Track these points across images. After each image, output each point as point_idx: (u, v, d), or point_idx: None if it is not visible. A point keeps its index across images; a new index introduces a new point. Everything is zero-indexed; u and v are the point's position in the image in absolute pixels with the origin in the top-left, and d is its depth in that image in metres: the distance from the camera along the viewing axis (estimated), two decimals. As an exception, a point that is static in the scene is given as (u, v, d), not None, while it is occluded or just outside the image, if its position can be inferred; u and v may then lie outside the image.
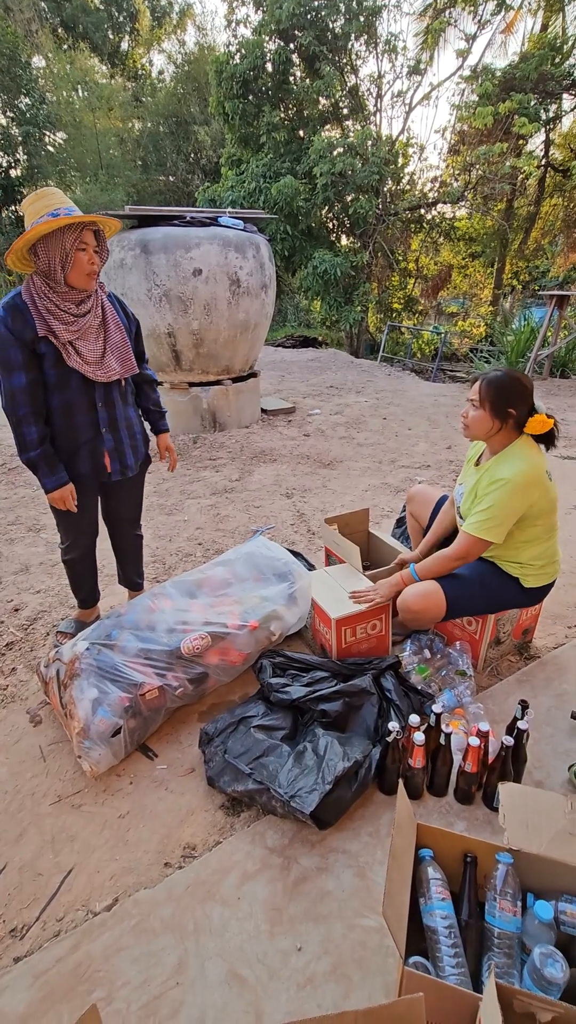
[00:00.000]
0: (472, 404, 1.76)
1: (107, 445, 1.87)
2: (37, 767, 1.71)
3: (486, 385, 1.72)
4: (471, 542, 1.78)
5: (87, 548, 2.12)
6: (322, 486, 3.94)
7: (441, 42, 10.53)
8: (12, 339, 1.62)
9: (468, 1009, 0.91)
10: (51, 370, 1.69)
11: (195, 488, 3.93)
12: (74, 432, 1.80)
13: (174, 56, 18.84)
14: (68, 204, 1.60)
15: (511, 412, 1.72)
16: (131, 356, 1.86)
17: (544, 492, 1.76)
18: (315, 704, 1.72)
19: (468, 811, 1.53)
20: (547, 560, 1.90)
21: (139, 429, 2.03)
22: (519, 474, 1.70)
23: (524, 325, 8.52)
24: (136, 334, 1.96)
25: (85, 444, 1.83)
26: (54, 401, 1.74)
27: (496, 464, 1.78)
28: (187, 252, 4.36)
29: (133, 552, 2.32)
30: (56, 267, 1.60)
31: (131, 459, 1.97)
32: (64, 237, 1.57)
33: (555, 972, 0.96)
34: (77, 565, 2.15)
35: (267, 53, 10.24)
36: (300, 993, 1.14)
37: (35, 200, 1.59)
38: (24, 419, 1.70)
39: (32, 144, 15.23)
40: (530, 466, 1.72)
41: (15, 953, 1.23)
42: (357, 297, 10.61)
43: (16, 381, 1.66)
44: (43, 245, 1.58)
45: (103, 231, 1.69)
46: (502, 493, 1.71)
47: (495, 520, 1.73)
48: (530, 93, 9.19)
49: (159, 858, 1.43)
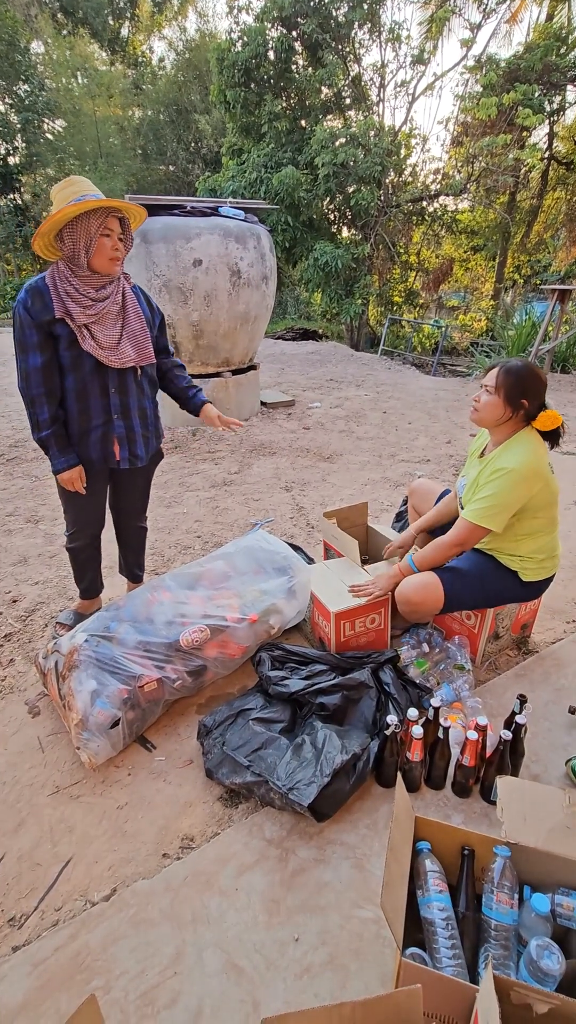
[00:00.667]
0: (486, 389, 1.76)
1: (118, 431, 1.87)
2: (35, 758, 1.71)
3: (504, 372, 1.72)
4: (470, 528, 1.77)
5: (92, 537, 2.13)
6: (321, 479, 3.93)
7: (445, 31, 10.40)
8: (30, 320, 1.66)
9: (465, 1000, 0.92)
10: (66, 352, 1.72)
11: (194, 480, 3.92)
12: (86, 415, 1.82)
13: (175, 43, 18.62)
14: (95, 191, 1.64)
15: (524, 403, 1.72)
16: (149, 346, 1.86)
17: (546, 484, 1.75)
18: (314, 697, 1.72)
19: (465, 804, 1.53)
20: (547, 554, 1.89)
21: (153, 421, 2.01)
22: (521, 464, 1.70)
23: (525, 319, 8.48)
24: (160, 326, 1.98)
25: (96, 428, 1.84)
26: (68, 383, 1.77)
27: (499, 454, 1.78)
28: (187, 242, 4.32)
29: (136, 543, 2.33)
30: (80, 251, 1.63)
31: (141, 449, 1.96)
32: (89, 221, 1.60)
33: (551, 964, 0.97)
34: (81, 553, 2.15)
35: (269, 41, 10.11)
36: (297, 983, 1.15)
37: (64, 187, 1.62)
38: (37, 399, 1.74)
39: (31, 131, 15.07)
40: (533, 457, 1.72)
41: (13, 942, 1.24)
42: (358, 290, 10.54)
43: (32, 361, 1.70)
44: (69, 229, 1.62)
45: (128, 220, 1.72)
46: (503, 482, 1.71)
47: (495, 508, 1.73)
48: (534, 84, 9.09)
49: (157, 849, 1.43)
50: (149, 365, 1.90)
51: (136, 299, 1.86)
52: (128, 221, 1.72)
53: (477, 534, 1.78)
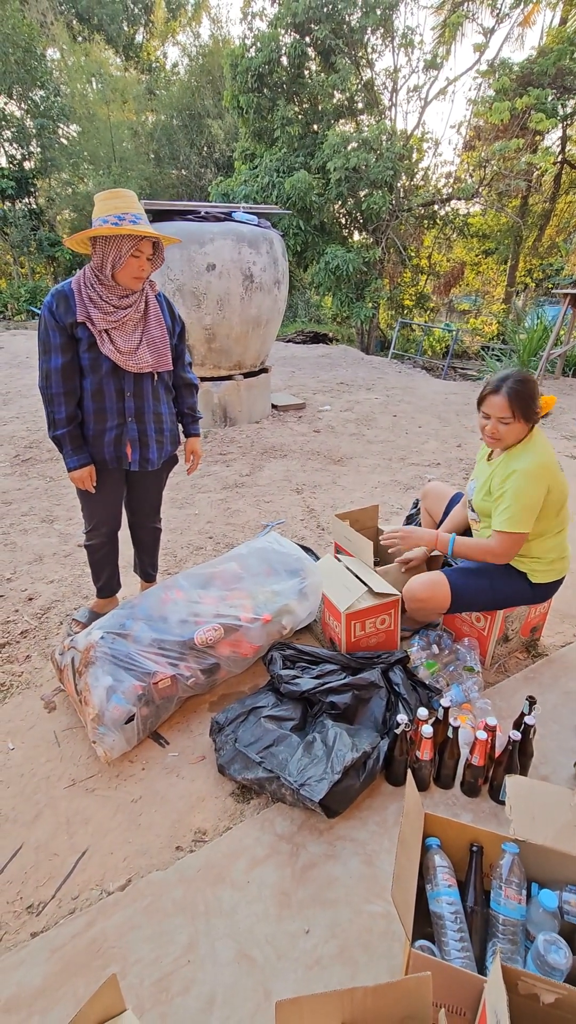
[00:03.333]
0: (500, 421, 1.76)
1: (131, 434, 1.92)
2: (52, 752, 1.75)
3: (516, 399, 1.73)
4: (503, 539, 1.80)
5: (108, 535, 2.18)
6: (332, 482, 3.96)
7: (458, 36, 10.43)
8: (54, 323, 1.74)
9: (473, 990, 0.94)
10: (85, 354, 1.78)
11: (206, 482, 3.96)
12: (102, 416, 1.87)
13: (188, 49, 18.80)
14: (136, 211, 1.68)
15: (537, 411, 1.77)
16: (167, 353, 1.90)
17: (557, 481, 1.79)
18: (324, 696, 1.75)
19: (474, 803, 1.55)
20: (556, 555, 1.91)
21: (169, 427, 2.05)
22: (533, 463, 1.75)
23: (537, 323, 8.46)
24: (180, 335, 2.02)
25: (111, 430, 1.89)
26: (87, 384, 1.83)
27: (509, 458, 1.82)
28: (201, 247, 4.38)
29: (150, 543, 2.38)
30: (107, 264, 1.70)
31: (154, 454, 2.00)
32: (122, 241, 1.66)
33: (558, 958, 0.98)
34: (97, 551, 2.20)
35: (282, 46, 10.20)
36: (308, 974, 1.17)
37: (108, 198, 1.68)
38: (55, 398, 1.81)
39: (46, 136, 15.29)
40: (545, 455, 1.77)
41: (32, 929, 1.27)
42: (369, 293, 10.58)
43: (53, 362, 1.77)
44: (101, 243, 1.68)
45: (162, 242, 1.78)
46: (519, 483, 1.74)
47: (520, 511, 1.75)
48: (548, 88, 9.09)
49: (171, 842, 1.46)
50: (167, 372, 1.95)
51: (159, 307, 1.91)
52: (161, 243, 1.78)
53: (516, 540, 1.80)
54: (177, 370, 2.06)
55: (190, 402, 2.15)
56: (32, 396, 6.12)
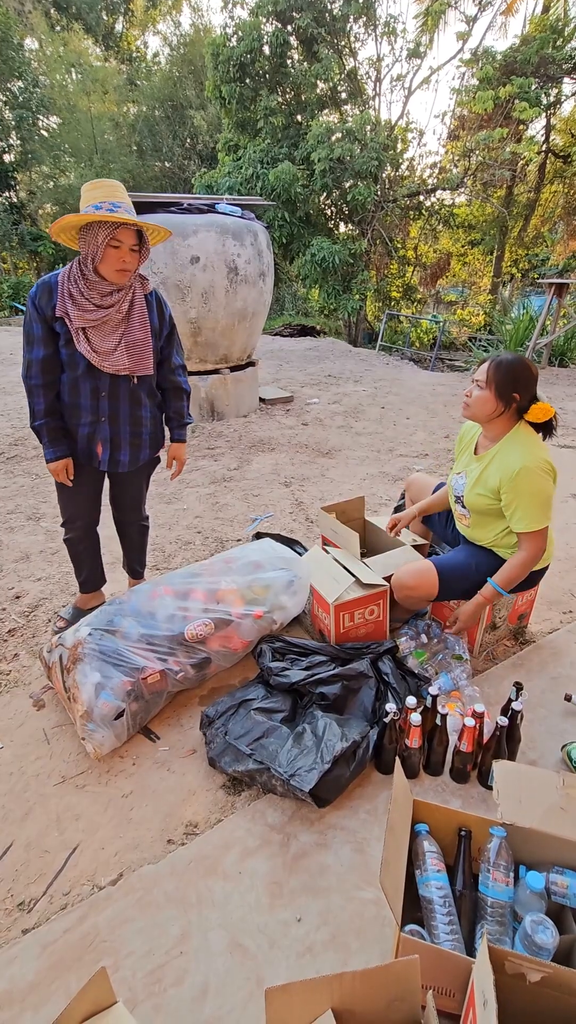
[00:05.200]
0: (477, 385, 1.77)
1: (102, 434, 1.89)
2: (41, 749, 1.74)
3: (495, 367, 1.73)
4: (531, 539, 1.78)
5: (84, 529, 2.16)
6: (320, 475, 3.96)
7: (441, 24, 10.37)
8: (36, 314, 1.72)
9: (462, 972, 0.95)
10: (64, 349, 1.76)
11: (194, 477, 3.94)
12: (76, 413, 1.85)
13: (169, 38, 18.56)
14: (116, 198, 1.63)
15: (515, 397, 1.73)
16: (148, 357, 1.84)
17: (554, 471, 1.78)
18: (314, 687, 1.75)
19: (463, 789, 1.57)
20: (542, 545, 1.92)
21: (149, 431, 2.00)
22: (533, 458, 1.72)
23: (523, 314, 8.50)
24: (168, 336, 1.96)
25: (83, 427, 1.88)
26: (66, 378, 1.81)
27: (501, 453, 1.80)
28: (184, 240, 4.34)
29: (137, 540, 2.35)
30: (88, 256, 1.67)
31: (125, 456, 1.96)
32: (97, 231, 1.61)
33: (545, 938, 1.00)
34: (76, 545, 2.19)
35: (264, 35, 10.09)
36: (300, 961, 1.18)
37: (91, 188, 1.64)
38: (35, 389, 1.80)
39: (25, 128, 15.04)
40: (538, 448, 1.76)
41: (23, 925, 1.27)
42: (355, 285, 10.55)
43: (35, 353, 1.76)
44: (83, 234, 1.65)
45: (147, 233, 1.72)
46: (528, 480, 1.72)
47: (537, 508, 1.74)
48: (531, 77, 9.09)
49: (162, 835, 1.47)
50: (147, 375, 1.89)
51: (147, 308, 1.85)
52: (146, 234, 1.72)
53: (541, 538, 1.79)
54: (164, 373, 2.00)
55: (176, 406, 2.08)
56: (16, 393, 6.05)
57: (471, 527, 1.97)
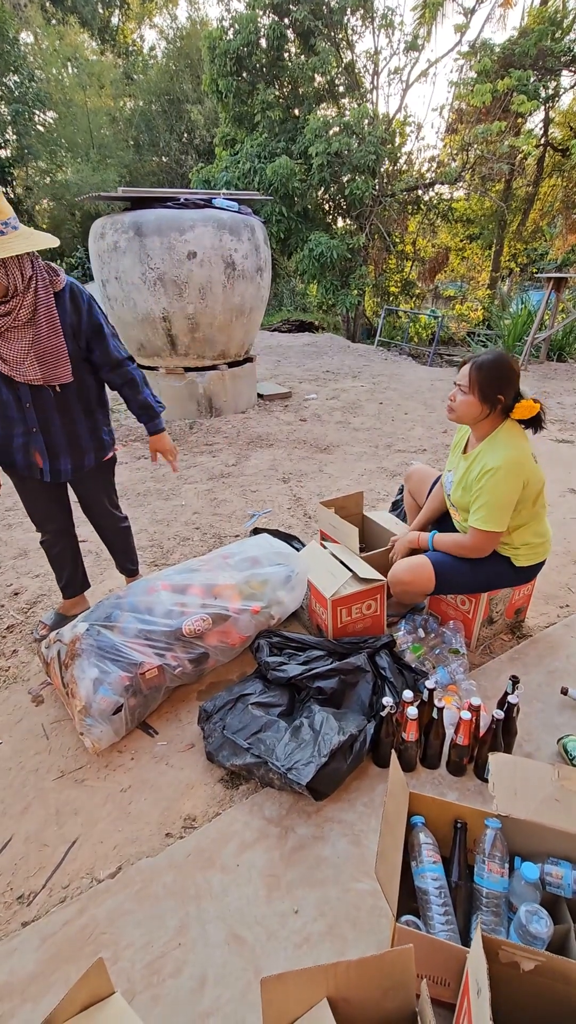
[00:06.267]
0: (460, 389, 1.76)
1: (37, 444, 1.82)
2: (40, 744, 1.75)
3: (476, 370, 1.71)
4: (479, 536, 1.81)
5: (55, 533, 2.12)
6: (318, 471, 3.96)
7: (439, 16, 10.29)
8: None
9: (456, 961, 0.96)
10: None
11: (192, 473, 3.94)
12: (7, 424, 1.78)
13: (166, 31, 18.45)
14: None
15: (500, 398, 1.73)
16: (63, 364, 1.69)
17: (532, 474, 1.78)
18: (311, 682, 1.76)
19: (460, 782, 1.58)
20: (540, 539, 1.93)
21: (87, 437, 1.90)
22: (506, 461, 1.72)
23: (521, 308, 8.48)
24: (96, 333, 1.79)
25: (17, 437, 1.81)
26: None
27: (483, 453, 1.80)
28: (181, 235, 4.32)
29: (116, 542, 2.30)
30: None
31: (67, 464, 1.89)
32: None
33: (539, 927, 1.01)
34: (50, 549, 2.16)
35: (261, 28, 10.02)
36: (297, 952, 1.19)
37: None
38: None
39: (21, 123, 14.92)
40: (516, 451, 1.74)
41: (23, 918, 1.28)
42: (353, 280, 10.52)
43: None
44: None
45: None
46: (494, 481, 1.73)
47: (495, 510, 1.75)
48: (529, 70, 9.03)
49: (160, 829, 1.48)
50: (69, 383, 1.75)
51: (59, 307, 1.66)
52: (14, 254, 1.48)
53: (488, 539, 1.81)
54: (108, 373, 1.87)
55: (138, 400, 1.95)
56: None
57: (461, 524, 1.98)
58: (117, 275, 4.49)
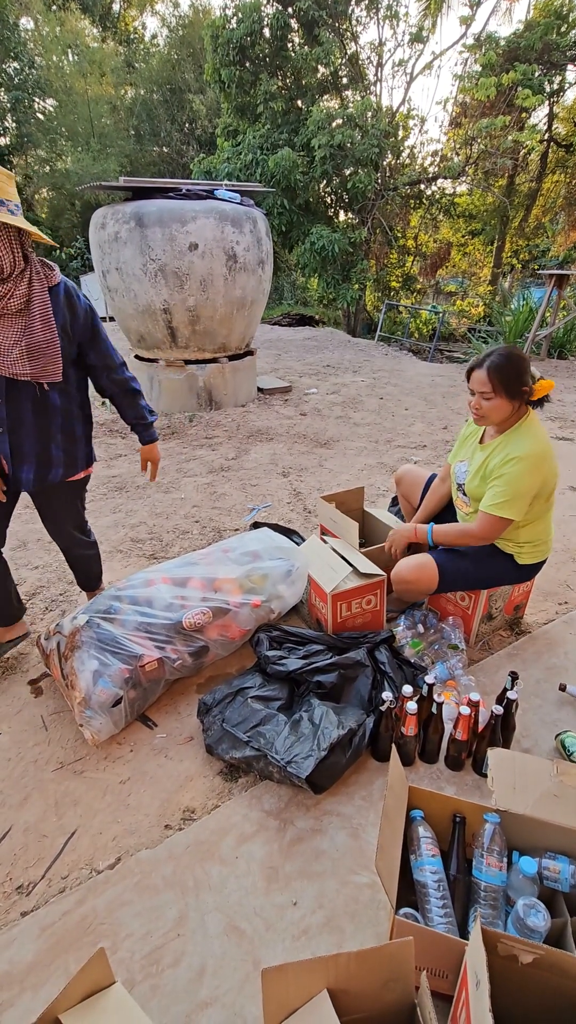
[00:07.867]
0: (483, 396, 1.74)
1: (2, 448, 1.68)
2: (39, 736, 1.75)
3: (495, 373, 1.70)
4: (490, 521, 1.79)
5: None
6: (318, 465, 3.95)
7: (444, 8, 10.21)
8: None
9: (455, 954, 0.97)
10: None
11: (191, 466, 3.93)
12: None
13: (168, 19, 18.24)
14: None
15: (524, 389, 1.73)
16: (55, 361, 1.59)
17: (552, 470, 1.78)
18: (311, 676, 1.76)
19: (458, 777, 1.58)
20: (543, 538, 1.93)
21: (58, 449, 1.76)
22: (533, 452, 1.72)
23: (523, 305, 8.46)
24: (92, 336, 1.72)
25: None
26: None
27: (507, 443, 1.79)
28: (183, 226, 4.29)
29: (81, 567, 2.17)
30: None
31: (28, 473, 1.73)
32: None
33: (537, 921, 1.02)
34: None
35: (264, 17, 9.92)
36: (295, 943, 1.20)
37: None
38: None
39: (21, 111, 14.79)
40: (544, 445, 1.75)
41: (22, 908, 1.28)
42: (355, 275, 10.47)
43: None
44: None
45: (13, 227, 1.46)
46: (518, 469, 1.72)
47: (514, 497, 1.74)
48: (534, 64, 8.97)
49: (160, 820, 1.48)
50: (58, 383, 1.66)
51: (54, 303, 1.59)
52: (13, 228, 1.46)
53: (499, 525, 1.79)
54: (103, 379, 1.80)
55: (134, 411, 1.90)
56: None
57: (472, 515, 1.97)
58: (118, 266, 4.46)
